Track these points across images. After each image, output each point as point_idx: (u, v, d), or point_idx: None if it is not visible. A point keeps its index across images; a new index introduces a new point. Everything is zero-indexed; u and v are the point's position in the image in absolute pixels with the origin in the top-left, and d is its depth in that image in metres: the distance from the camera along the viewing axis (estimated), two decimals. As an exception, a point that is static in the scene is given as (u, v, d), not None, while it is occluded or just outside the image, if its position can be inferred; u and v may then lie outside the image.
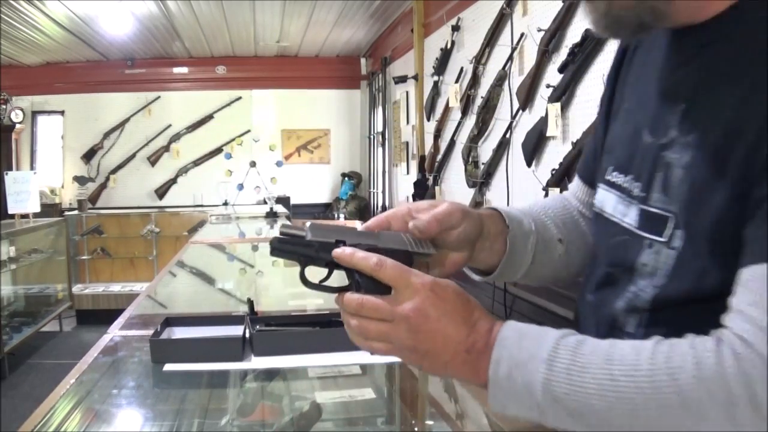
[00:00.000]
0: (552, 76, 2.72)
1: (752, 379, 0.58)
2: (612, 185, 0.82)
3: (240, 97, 6.91)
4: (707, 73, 0.70)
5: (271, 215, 4.78)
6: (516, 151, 3.10)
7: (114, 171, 6.80)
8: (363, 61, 7.10)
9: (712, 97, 0.68)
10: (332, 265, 0.73)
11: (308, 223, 0.75)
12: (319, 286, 0.76)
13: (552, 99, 2.64)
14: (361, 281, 0.71)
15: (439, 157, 4.31)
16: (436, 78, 4.36)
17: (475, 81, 3.65)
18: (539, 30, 2.76)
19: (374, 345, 0.72)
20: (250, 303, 1.47)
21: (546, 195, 2.65)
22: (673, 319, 0.68)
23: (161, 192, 6.86)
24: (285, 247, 0.75)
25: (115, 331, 1.51)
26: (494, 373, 0.66)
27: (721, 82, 0.68)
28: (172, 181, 6.87)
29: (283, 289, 2.34)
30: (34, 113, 6.74)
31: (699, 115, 0.70)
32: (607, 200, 0.83)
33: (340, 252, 0.72)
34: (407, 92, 5.21)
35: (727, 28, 0.69)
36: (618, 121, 0.85)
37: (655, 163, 0.74)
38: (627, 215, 0.78)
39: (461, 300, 0.69)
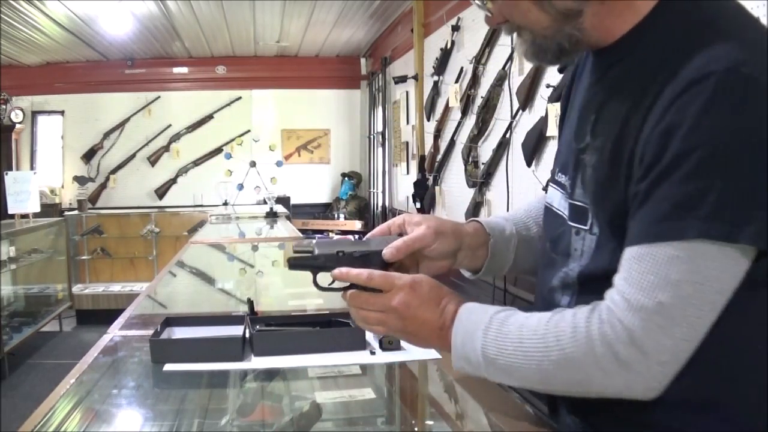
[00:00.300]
0: (552, 76, 2.72)
1: (610, 340, 0.74)
2: (558, 184, 0.96)
3: (240, 97, 6.91)
4: (609, 89, 0.85)
5: (271, 215, 4.78)
6: (516, 151, 3.10)
7: (114, 171, 6.80)
8: (363, 61, 7.10)
9: (610, 110, 0.83)
10: (338, 264, 0.94)
11: (314, 241, 0.97)
12: (329, 289, 0.96)
13: (552, 99, 2.64)
14: None
15: (439, 157, 4.31)
16: (436, 78, 4.36)
17: (475, 81, 3.65)
18: (539, 30, 2.76)
19: (375, 328, 0.94)
20: (250, 303, 1.47)
21: (546, 195, 2.65)
22: (596, 290, 0.80)
23: (161, 192, 6.86)
24: (298, 262, 0.96)
25: (115, 331, 1.51)
26: (453, 342, 0.87)
27: (617, 97, 0.83)
28: (172, 181, 6.87)
29: (283, 289, 2.34)
30: (34, 113, 6.74)
31: (603, 124, 0.85)
32: (554, 197, 0.97)
33: (338, 273, 0.92)
34: (407, 92, 5.21)
35: (624, 51, 0.83)
36: (564, 131, 1.01)
37: (576, 164, 0.89)
38: (566, 209, 0.92)
39: (434, 291, 0.90)
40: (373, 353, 1.27)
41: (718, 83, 0.71)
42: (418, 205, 4.60)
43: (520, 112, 3.09)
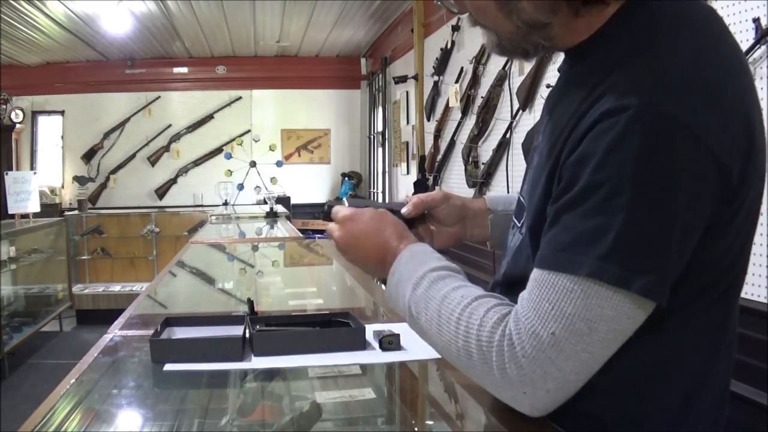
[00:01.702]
0: (552, 76, 2.72)
1: (505, 356, 0.73)
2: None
3: (240, 97, 6.91)
4: (562, 91, 0.85)
5: (271, 215, 4.78)
6: (516, 151, 3.11)
7: (114, 171, 6.80)
8: (363, 61, 7.10)
9: (557, 112, 0.82)
10: None
11: (346, 198, 1.06)
12: None
13: (552, 99, 2.63)
14: None
15: (439, 157, 4.31)
16: (436, 78, 4.36)
17: (475, 81, 3.65)
18: (539, 30, 2.76)
19: (338, 248, 0.99)
20: (250, 303, 1.47)
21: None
22: (518, 293, 0.79)
23: (161, 192, 6.86)
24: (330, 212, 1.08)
25: (115, 331, 1.51)
26: (389, 280, 0.89)
27: (564, 101, 0.81)
28: (172, 181, 6.88)
29: (283, 289, 2.34)
30: (34, 113, 6.74)
31: (549, 125, 0.84)
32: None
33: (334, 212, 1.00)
34: (407, 92, 5.21)
35: (579, 56, 0.82)
36: None
37: (530, 159, 0.91)
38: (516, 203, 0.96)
39: (373, 222, 0.95)
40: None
41: (633, 118, 0.69)
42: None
43: (520, 112, 3.10)
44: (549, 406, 0.75)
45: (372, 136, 6.60)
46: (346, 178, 7.03)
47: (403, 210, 1.04)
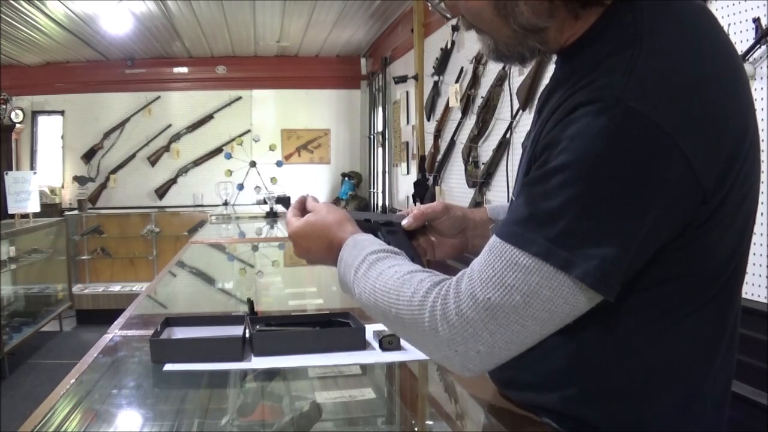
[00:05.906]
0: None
1: (437, 316, 0.76)
2: None
3: (240, 97, 6.90)
4: (550, 91, 0.85)
5: (271, 215, 4.78)
6: (516, 151, 3.10)
7: (114, 171, 6.80)
8: (363, 61, 7.10)
9: (544, 112, 0.82)
10: (367, 230, 1.03)
11: (348, 210, 1.08)
12: None
13: (552, 99, 2.63)
14: (384, 238, 1.02)
15: (439, 157, 4.31)
16: (436, 78, 4.36)
17: (475, 81, 3.65)
18: (539, 30, 2.75)
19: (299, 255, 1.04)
20: (250, 303, 1.47)
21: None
22: None
23: (161, 192, 6.85)
24: None
25: (115, 331, 1.51)
26: (337, 268, 0.94)
27: (551, 100, 0.82)
28: (172, 181, 6.87)
29: (283, 289, 2.34)
30: (34, 113, 6.73)
31: (535, 125, 0.87)
32: None
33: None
34: (407, 92, 5.21)
35: (569, 57, 0.82)
36: None
37: (520, 161, 0.93)
38: None
39: (320, 226, 0.99)
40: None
41: (602, 109, 0.70)
42: (419, 205, 4.60)
43: (520, 112, 3.09)
44: (479, 368, 0.78)
45: (372, 136, 6.60)
46: (346, 178, 7.03)
47: (404, 222, 1.05)
